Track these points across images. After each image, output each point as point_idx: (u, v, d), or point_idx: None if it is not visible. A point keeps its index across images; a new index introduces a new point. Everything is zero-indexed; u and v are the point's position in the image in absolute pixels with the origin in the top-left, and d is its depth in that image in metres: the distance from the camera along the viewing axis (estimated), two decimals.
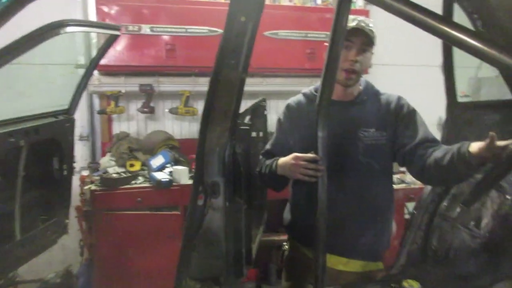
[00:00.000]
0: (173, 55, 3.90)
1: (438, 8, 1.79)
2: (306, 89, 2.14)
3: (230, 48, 1.52)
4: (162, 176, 3.40)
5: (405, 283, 1.74)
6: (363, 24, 1.82)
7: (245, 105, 2.22)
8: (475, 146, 1.51)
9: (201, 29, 3.89)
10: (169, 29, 3.85)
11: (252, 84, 4.28)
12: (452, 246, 1.82)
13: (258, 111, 2.52)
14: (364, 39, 1.84)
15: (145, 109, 4.05)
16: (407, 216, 3.87)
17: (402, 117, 1.92)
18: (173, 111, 4.14)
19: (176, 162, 3.80)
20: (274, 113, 4.63)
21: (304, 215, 2.02)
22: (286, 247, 2.27)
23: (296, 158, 1.76)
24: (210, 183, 1.67)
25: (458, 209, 1.84)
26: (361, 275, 1.99)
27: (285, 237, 3.55)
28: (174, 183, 3.41)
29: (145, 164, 3.75)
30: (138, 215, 3.30)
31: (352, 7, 4.39)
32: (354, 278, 1.98)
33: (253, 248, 2.10)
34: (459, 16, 1.89)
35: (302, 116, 2.04)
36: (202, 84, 4.12)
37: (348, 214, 1.93)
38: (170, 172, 3.54)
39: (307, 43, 4.18)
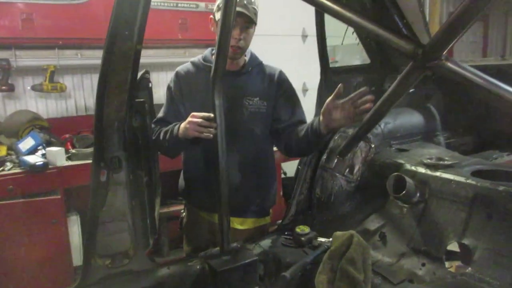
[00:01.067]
0: (31, 25, 3.50)
1: None
2: (195, 58, 2.19)
3: (123, 19, 1.48)
4: (35, 159, 3.12)
5: (297, 229, 1.98)
6: (245, 2, 1.93)
7: None
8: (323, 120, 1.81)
9: None
10: None
11: None
12: (333, 192, 2.12)
13: (142, 83, 2.47)
14: (246, 19, 1.96)
15: (3, 87, 3.60)
16: (283, 176, 4.25)
17: (282, 92, 2.12)
18: (36, 88, 3.77)
19: (48, 143, 3.50)
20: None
21: (200, 180, 2.12)
22: (184, 214, 2.34)
23: (192, 116, 1.82)
24: (111, 158, 1.65)
25: (335, 160, 2.14)
26: (254, 230, 2.19)
27: (175, 207, 3.64)
28: (50, 166, 3.16)
29: (11, 149, 3.37)
30: (12, 204, 2.99)
31: None
32: (248, 233, 2.17)
33: (156, 218, 2.13)
34: None
35: (192, 84, 2.10)
36: (69, 57, 3.81)
37: (239, 177, 2.09)
38: (43, 154, 3.27)
39: (178, 13, 4.14)
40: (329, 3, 1.28)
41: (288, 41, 5.10)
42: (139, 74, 2.40)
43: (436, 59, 1.19)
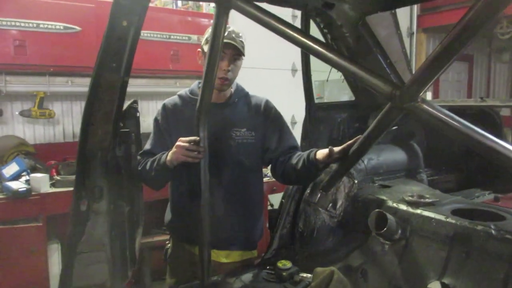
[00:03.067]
0: (23, 52, 3.54)
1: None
2: (182, 91, 2.21)
3: (112, 52, 1.52)
4: (18, 185, 3.09)
5: (279, 264, 1.96)
6: (233, 35, 1.99)
7: None
8: (319, 153, 1.84)
9: (56, 25, 3.62)
10: (17, 23, 3.48)
11: None
12: (315, 226, 2.12)
13: (129, 112, 2.49)
14: (234, 51, 2.00)
15: None
16: (269, 208, 4.23)
17: (270, 120, 2.14)
18: (25, 113, 3.77)
19: (33, 169, 3.48)
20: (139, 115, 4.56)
21: (184, 212, 2.10)
22: (169, 245, 2.31)
23: (179, 140, 1.84)
24: (93, 188, 1.64)
25: (319, 195, 2.15)
26: (240, 264, 2.16)
27: (160, 237, 3.59)
28: (33, 193, 3.13)
29: None
30: None
31: (212, 12, 4.59)
32: (234, 267, 2.13)
33: (136, 249, 2.10)
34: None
35: (179, 117, 2.12)
36: (59, 84, 3.84)
37: (225, 209, 2.07)
38: (27, 180, 3.24)
39: (170, 45, 4.22)
40: (307, 42, 1.32)
41: (278, 74, 5.20)
42: (127, 103, 2.45)
43: (412, 101, 1.23)
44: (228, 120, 2.09)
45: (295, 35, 1.40)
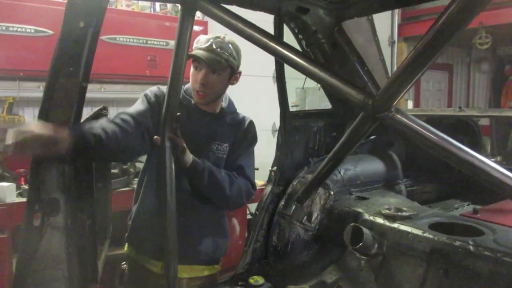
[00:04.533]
0: None
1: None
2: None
3: (68, 55, 1.42)
4: None
5: (251, 280, 1.87)
6: (214, 47, 1.83)
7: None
8: None
9: (27, 28, 3.48)
10: None
11: (89, 90, 4.00)
12: (290, 240, 2.03)
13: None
14: (214, 64, 1.84)
15: None
16: (249, 216, 4.14)
17: (245, 139, 2.06)
18: None
19: (0, 178, 3.32)
20: None
21: (149, 225, 1.98)
22: (125, 266, 2.19)
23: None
24: (48, 200, 1.52)
25: (293, 207, 2.06)
26: (204, 279, 2.06)
27: None
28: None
29: None
30: None
31: None
32: (197, 282, 2.04)
33: (99, 265, 1.97)
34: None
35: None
36: (29, 89, 3.69)
37: (189, 222, 1.97)
38: None
39: (148, 50, 4.12)
40: (276, 47, 1.25)
41: (259, 81, 5.13)
42: (97, 109, 2.34)
43: (385, 111, 1.16)
44: (213, 133, 2.01)
45: (263, 39, 1.32)
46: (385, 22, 6.83)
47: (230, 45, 1.88)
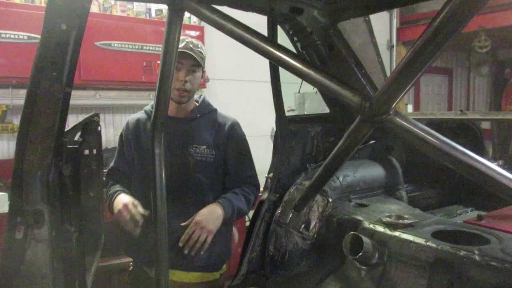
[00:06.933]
0: None
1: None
2: (147, 106, 2.12)
3: (50, 59, 1.35)
4: None
5: None
6: (191, 46, 1.91)
7: (77, 120, 2.09)
8: None
9: (19, 35, 3.43)
10: None
11: (84, 97, 3.97)
12: (287, 249, 1.96)
13: (90, 127, 2.31)
14: (192, 61, 1.92)
15: None
16: (248, 223, 4.05)
17: (233, 143, 2.05)
18: None
19: None
20: (110, 128, 4.38)
21: (141, 233, 1.94)
22: (131, 267, 2.19)
23: (123, 206, 1.84)
24: (31, 212, 1.45)
25: (290, 215, 1.98)
26: (202, 286, 2.03)
27: (126, 259, 3.37)
28: None
29: None
30: None
31: (187, 23, 4.45)
32: None
33: (89, 277, 1.90)
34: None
35: (141, 133, 2.05)
36: (23, 97, 3.57)
37: (181, 228, 1.92)
38: None
39: (143, 56, 4.08)
40: (268, 48, 1.18)
41: (257, 86, 5.07)
42: (88, 116, 2.27)
43: (384, 114, 1.09)
44: (188, 136, 1.99)
45: (256, 40, 1.26)
46: (383, 26, 6.78)
47: (199, 45, 1.97)
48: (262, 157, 2.61)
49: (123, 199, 1.88)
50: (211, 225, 1.88)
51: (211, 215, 1.89)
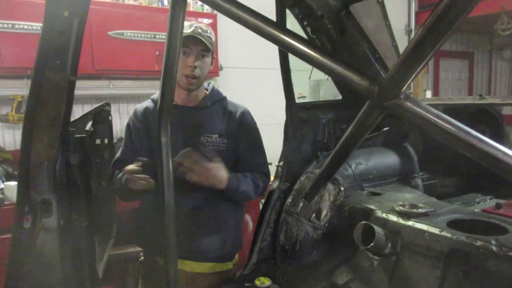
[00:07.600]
0: None
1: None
2: (154, 94, 2.09)
3: (53, 47, 1.33)
4: None
5: (257, 281, 1.77)
6: (199, 31, 1.85)
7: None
8: None
9: (32, 25, 3.45)
10: None
11: (98, 87, 3.99)
12: (298, 239, 1.92)
13: (101, 116, 2.31)
14: (201, 46, 1.87)
15: None
16: None
17: (244, 131, 2.01)
18: (2, 118, 3.61)
19: (11, 177, 3.32)
20: (125, 118, 4.40)
21: (151, 223, 1.99)
22: (143, 257, 2.19)
23: (126, 171, 1.82)
24: (39, 202, 1.45)
25: (301, 204, 1.95)
26: (214, 276, 2.02)
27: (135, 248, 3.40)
28: (6, 202, 2.95)
29: None
30: None
31: (200, 10, 4.40)
32: (206, 279, 2.00)
33: (100, 266, 1.91)
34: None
35: (149, 121, 2.03)
36: None
37: (193, 219, 1.94)
38: (1, 189, 3.07)
39: (156, 45, 4.06)
40: (273, 31, 1.13)
41: (272, 74, 5.00)
42: (98, 105, 2.27)
43: (394, 98, 1.03)
44: (199, 125, 1.96)
45: (263, 25, 1.21)
46: (401, 10, 6.61)
47: (209, 30, 1.91)
48: (276, 145, 2.57)
49: (126, 168, 1.85)
50: (204, 173, 1.80)
51: (213, 169, 1.83)
